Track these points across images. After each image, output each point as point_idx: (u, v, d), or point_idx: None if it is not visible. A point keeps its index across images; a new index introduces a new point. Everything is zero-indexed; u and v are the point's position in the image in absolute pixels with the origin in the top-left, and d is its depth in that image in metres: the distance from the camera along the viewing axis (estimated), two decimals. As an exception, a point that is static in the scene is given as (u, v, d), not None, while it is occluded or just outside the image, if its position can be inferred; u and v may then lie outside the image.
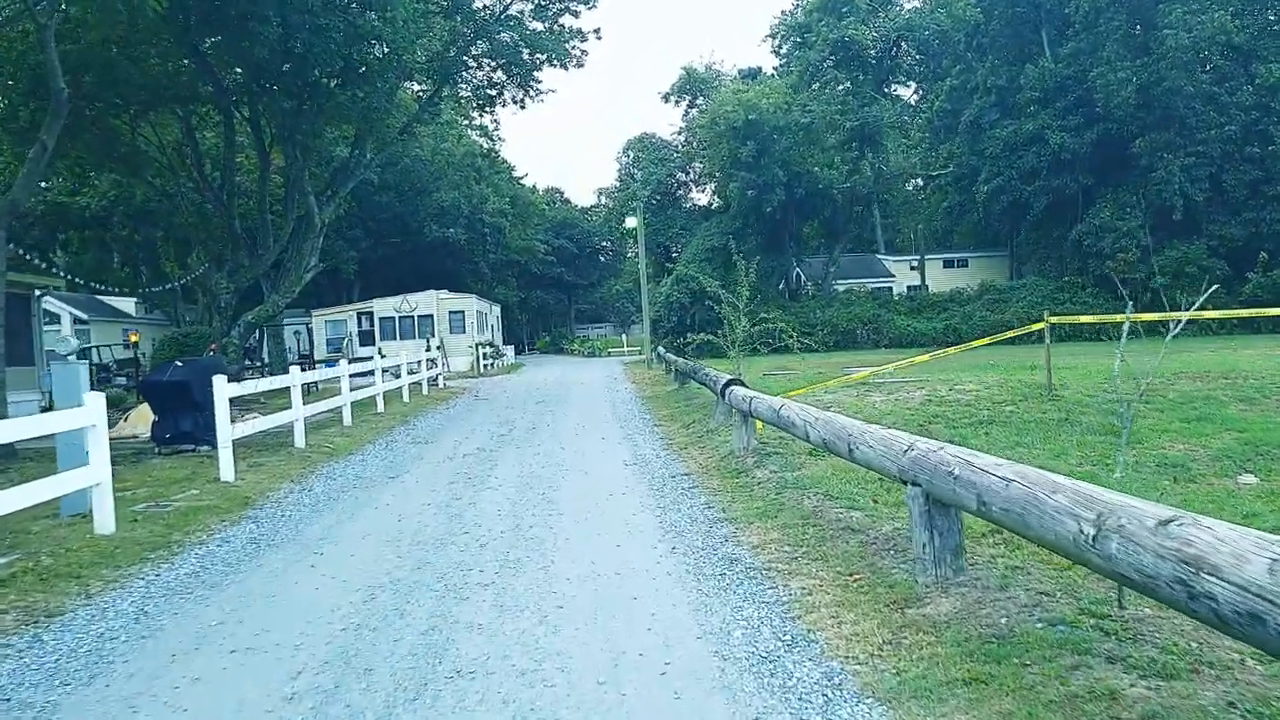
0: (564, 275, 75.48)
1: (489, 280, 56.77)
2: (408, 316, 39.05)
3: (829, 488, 7.53)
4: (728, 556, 6.02)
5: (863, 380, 11.22)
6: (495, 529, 7.32)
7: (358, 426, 15.26)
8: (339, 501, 8.95)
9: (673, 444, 11.67)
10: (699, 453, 10.54)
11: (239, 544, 7.28)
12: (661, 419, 14.74)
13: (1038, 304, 38.76)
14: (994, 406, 9.83)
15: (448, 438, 13.89)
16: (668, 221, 44.40)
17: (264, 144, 20.42)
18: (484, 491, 9.06)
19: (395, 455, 12.23)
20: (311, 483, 10.15)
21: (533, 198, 69.18)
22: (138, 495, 9.29)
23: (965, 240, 57.41)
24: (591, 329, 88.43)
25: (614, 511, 7.77)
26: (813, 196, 39.84)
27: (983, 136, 43.89)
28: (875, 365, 21.79)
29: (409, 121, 23.38)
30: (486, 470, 10.45)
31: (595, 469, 10.18)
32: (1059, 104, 40.50)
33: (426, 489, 9.40)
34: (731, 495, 7.99)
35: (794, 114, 37.15)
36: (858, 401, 10.87)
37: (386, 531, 7.45)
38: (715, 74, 46.82)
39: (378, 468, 11.17)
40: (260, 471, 10.62)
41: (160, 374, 12.13)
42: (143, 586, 6.08)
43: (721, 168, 39.30)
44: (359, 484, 9.98)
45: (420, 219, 47.01)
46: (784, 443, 9.55)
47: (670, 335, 38.44)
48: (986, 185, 42.70)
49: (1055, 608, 4.16)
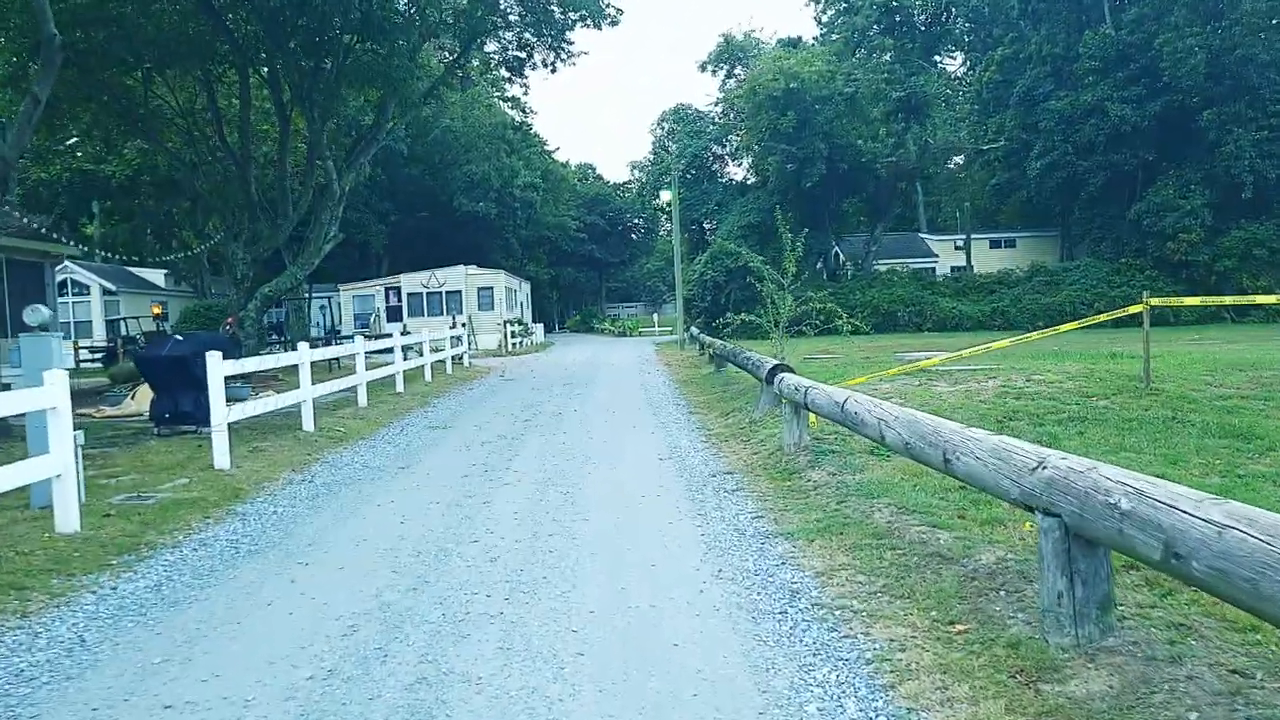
0: (595, 252, 74.40)
1: (519, 256, 55.84)
2: (435, 292, 38.25)
3: (901, 497, 6.40)
4: (787, 586, 4.93)
5: (924, 368, 10.05)
6: (509, 537, 6.29)
7: (373, 408, 14.33)
8: (339, 496, 7.98)
9: (711, 435, 10.58)
10: (742, 447, 9.44)
11: (217, 548, 6.31)
12: (697, 406, 13.64)
13: (1092, 287, 37.15)
14: (1083, 401, 8.64)
15: (467, 423, 12.91)
16: (702, 196, 43.01)
17: (284, 106, 19.47)
18: (500, 489, 8.04)
19: (409, 442, 11.27)
20: (313, 472, 9.20)
21: (564, 172, 68.03)
22: (121, 484, 8.39)
23: (1012, 219, 55.36)
24: (622, 308, 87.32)
25: (647, 518, 6.71)
26: (855, 171, 38.28)
27: (1036, 109, 41.90)
28: (922, 349, 20.52)
29: (434, 84, 22.30)
30: (505, 462, 9.44)
31: (625, 463, 9.12)
32: (1120, 74, 38.42)
33: (437, 483, 8.41)
34: (784, 502, 6.89)
35: (837, 83, 35.54)
36: (921, 391, 9.71)
37: (385, 537, 6.45)
38: (754, 42, 45.14)
39: (388, 456, 10.20)
40: (260, 458, 9.69)
41: (158, 348, 11.26)
42: (91, 604, 5.13)
43: (760, 140, 37.82)
44: (364, 475, 9.01)
45: (450, 192, 46.11)
46: (841, 439, 8.42)
47: (704, 315, 37.26)
48: (1039, 161, 40.80)
49: (1263, 699, 3.02)
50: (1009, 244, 49.31)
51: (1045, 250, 47.64)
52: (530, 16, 21.79)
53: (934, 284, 40.38)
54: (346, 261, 46.90)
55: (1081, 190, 40.96)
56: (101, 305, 36.28)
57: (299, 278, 19.14)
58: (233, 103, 22.06)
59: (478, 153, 45.60)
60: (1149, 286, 36.94)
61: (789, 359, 12.71)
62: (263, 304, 18.50)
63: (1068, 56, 41.65)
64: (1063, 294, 37.24)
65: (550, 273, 68.94)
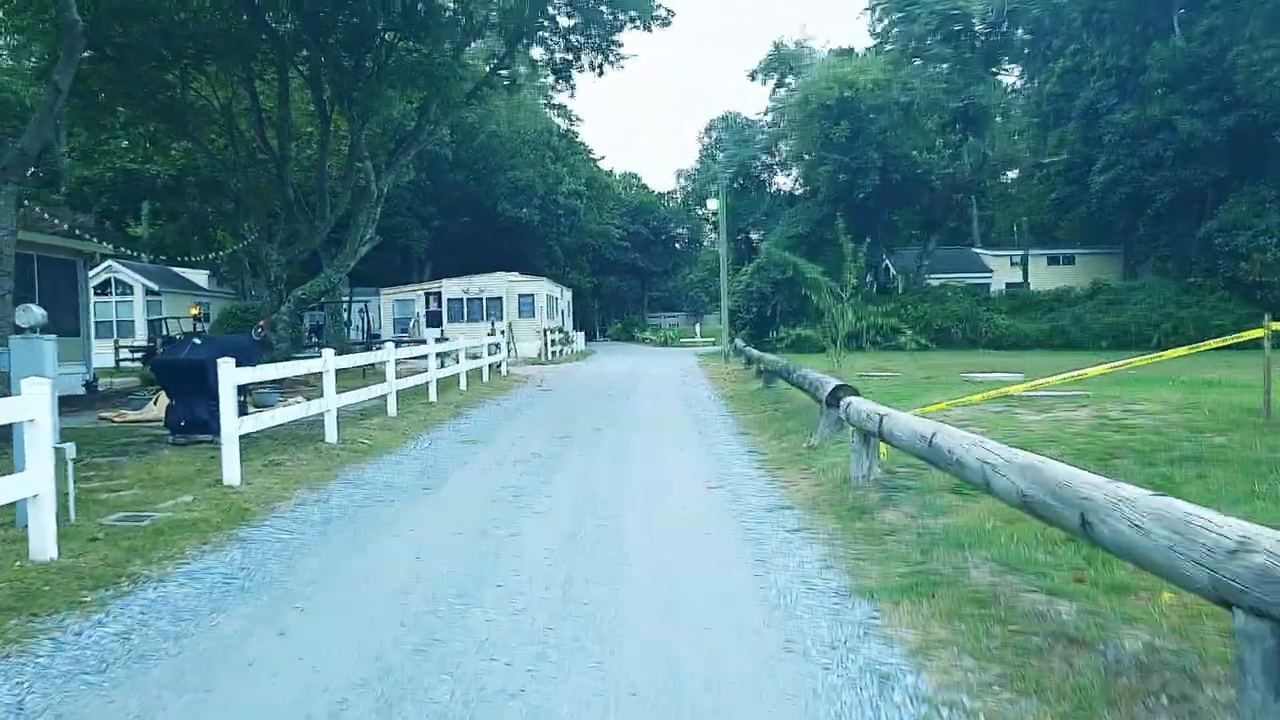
0: (638, 261, 73.75)
1: (561, 264, 55.32)
2: (476, 298, 37.77)
3: (999, 549, 5.44)
4: (875, 668, 4.00)
5: (1008, 393, 9.05)
6: (539, 582, 5.43)
7: (403, 418, 13.61)
8: (353, 522, 7.19)
9: (765, 461, 9.64)
10: (800, 477, 8.50)
11: (207, 583, 5.54)
12: (747, 426, 12.70)
13: (1159, 307, 35.52)
14: (1195, 437, 7.59)
15: (501, 437, 12.12)
16: (750, 206, 42.04)
17: (324, 106, 18.96)
18: (531, 517, 7.20)
19: (437, 457, 10.49)
20: (329, 492, 8.43)
21: (609, 180, 67.49)
22: (120, 500, 7.69)
23: (1070, 236, 53.55)
24: (664, 317, 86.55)
25: (698, 562, 5.82)
26: (909, 182, 37.07)
27: (1099, 123, 40.37)
28: (986, 369, 19.36)
29: (478, 86, 21.67)
30: (538, 485, 8.60)
31: (671, 491, 8.24)
32: (1190, 87, 36.78)
33: (463, 509, 7.59)
34: (857, 548, 5.95)
35: (892, 92, 34.42)
36: (1002, 420, 8.71)
37: (398, 575, 5.64)
38: (806, 51, 44.18)
39: (413, 474, 9.42)
40: (274, 474, 8.95)
41: (175, 352, 10.64)
42: (45, 655, 4.35)
43: (811, 150, 36.80)
44: (385, 496, 8.22)
45: (494, 197, 45.69)
46: (916, 472, 7.45)
47: (749, 327, 36.26)
48: (1102, 176, 39.26)
49: None
50: (1067, 260, 47.59)
51: (1106, 268, 45.88)
52: (578, 17, 21.11)
53: (989, 300, 38.94)
54: (388, 265, 46.70)
55: (1147, 206, 39.31)
56: (144, 305, 36.28)
57: (334, 280, 18.57)
58: (273, 101, 21.69)
59: (522, 159, 45.14)
60: (1220, 308, 35.36)
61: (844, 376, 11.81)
62: (296, 306, 17.94)
63: (1133, 69, 40.09)
64: (1127, 314, 35.61)
65: (592, 281, 68.36)
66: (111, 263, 35.88)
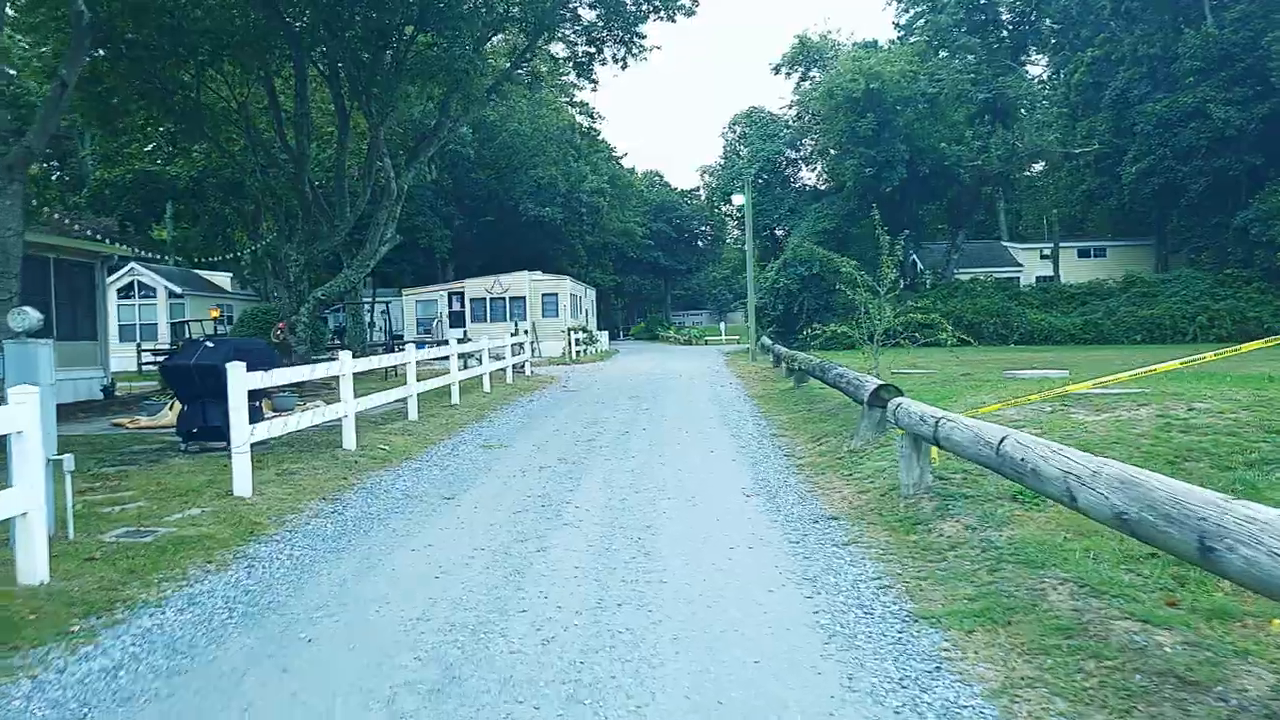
0: (661, 259, 73.37)
1: (584, 263, 54.95)
2: (499, 298, 37.42)
3: (1076, 567, 4.90)
4: (954, 713, 3.49)
5: (1064, 393, 8.47)
6: (568, 606, 4.96)
7: (424, 422, 13.20)
8: (369, 537, 6.76)
9: (803, 465, 9.12)
10: (843, 483, 7.98)
11: (208, 609, 5.11)
12: (781, 427, 12.18)
13: (1195, 299, 34.61)
14: (1271, 437, 6.99)
15: (525, 442, 11.67)
16: (775, 202, 41.39)
17: (342, 101, 18.60)
18: (558, 531, 6.73)
19: (459, 464, 10.05)
20: (345, 502, 8.01)
21: (631, 178, 67.07)
22: (125, 513, 7.30)
23: (1100, 228, 52.49)
24: (688, 315, 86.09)
25: (741, 581, 5.33)
26: (936, 175, 36.30)
27: (1130, 112, 39.45)
28: (1026, 365, 18.68)
29: (499, 80, 21.24)
30: (565, 493, 8.14)
31: (706, 499, 7.74)
32: (1224, 74, 35.85)
33: (485, 521, 7.14)
34: (915, 565, 5.43)
35: (920, 83, 33.67)
36: (1058, 420, 8.13)
37: (414, 599, 5.19)
38: (831, 44, 43.42)
39: (433, 481, 8.98)
40: (287, 483, 8.54)
41: (186, 355, 10.25)
42: (20, 698, 3.93)
43: (837, 144, 36.12)
44: (403, 507, 7.78)
45: (516, 196, 45.36)
46: (971, 478, 6.91)
47: (776, 324, 35.66)
48: (1134, 166, 38.35)
49: None
50: (1098, 253, 46.55)
51: (1138, 260, 44.86)
52: (600, 8, 20.60)
53: (1021, 294, 38.07)
54: (410, 266, 46.53)
55: (1181, 197, 38.36)
56: (167, 308, 36.20)
57: (354, 280, 18.20)
58: (292, 100, 21.38)
59: (545, 157, 44.76)
60: (1257, 299, 34.37)
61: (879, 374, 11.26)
62: (316, 308, 17.60)
63: (1165, 57, 39.15)
64: (1161, 306, 34.71)
65: (615, 280, 67.99)
66: (134, 265, 35.88)
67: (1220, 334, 33.03)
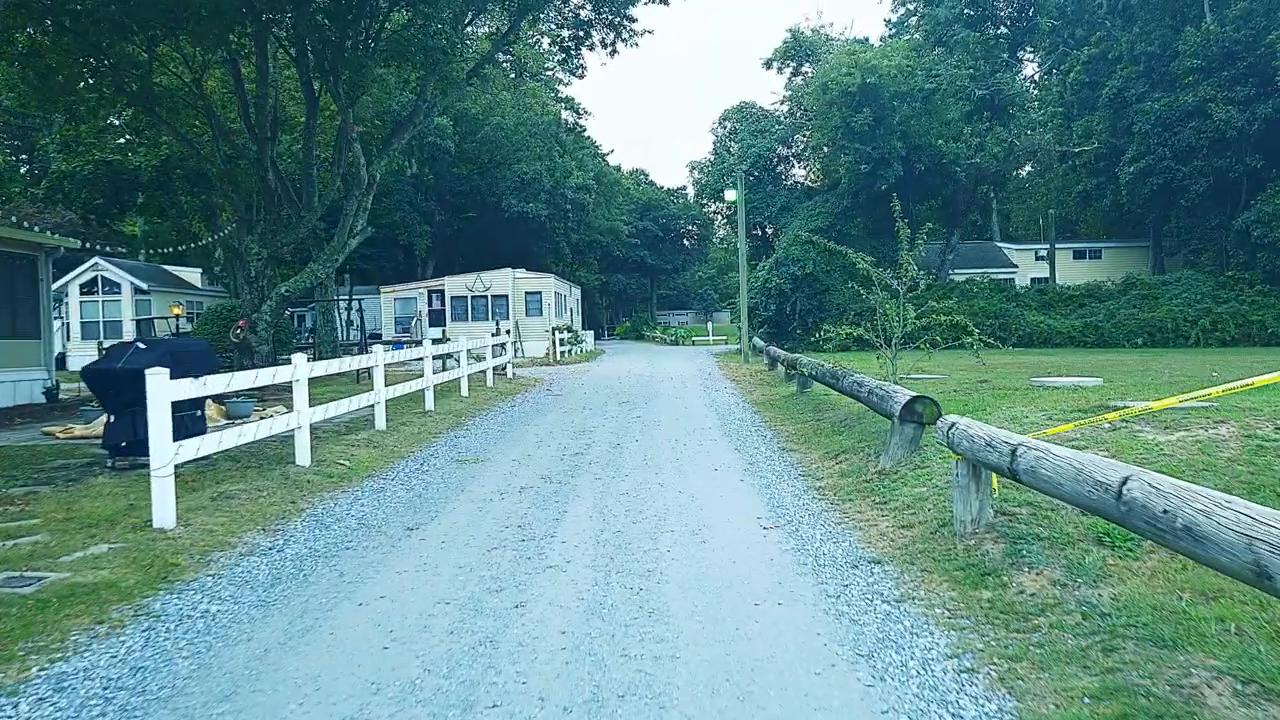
0: (647, 258, 72.26)
1: (569, 261, 53.67)
2: (481, 296, 36.14)
3: (1222, 648, 3.73)
4: None
5: (1127, 413, 7.34)
6: (554, 699, 3.75)
7: (393, 432, 11.94)
8: (308, 584, 5.51)
9: (825, 489, 7.93)
10: (877, 513, 6.79)
11: (75, 704, 3.86)
12: (790, 440, 10.99)
13: (1196, 302, 33.78)
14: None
15: (504, 456, 10.43)
16: (766, 200, 40.22)
17: (310, 83, 17.25)
18: (541, 576, 5.52)
19: (428, 483, 8.81)
20: (288, 535, 6.76)
21: (617, 176, 65.84)
22: (16, 551, 6.02)
23: (1093, 229, 51.75)
24: (673, 315, 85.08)
25: (778, 661, 4.13)
26: (932, 173, 35.26)
27: (1128, 111, 38.61)
28: (1049, 372, 17.58)
29: (480, 63, 19.91)
30: (549, 523, 6.92)
31: (716, 532, 6.55)
32: (1225, 73, 35.03)
33: (452, 562, 5.91)
34: (998, 637, 4.25)
35: (917, 78, 32.59)
36: (1127, 442, 6.98)
37: (352, 682, 3.97)
38: (824, 39, 42.32)
39: (396, 507, 7.74)
40: (223, 510, 7.28)
41: (112, 360, 8.95)
42: None
43: (831, 140, 34.99)
44: (356, 542, 6.54)
45: (499, 192, 44.02)
46: (1039, 512, 5.74)
47: (767, 325, 34.56)
48: (1132, 166, 37.50)
49: None
50: (1094, 255, 45.78)
51: (1134, 262, 44.10)
52: (589, -13, 19.37)
53: (1018, 296, 37.12)
54: (390, 263, 45.13)
55: (1180, 198, 37.54)
56: (133, 305, 34.68)
57: (321, 275, 16.84)
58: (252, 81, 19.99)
59: (529, 151, 43.40)
60: (1260, 303, 33.53)
61: (898, 381, 10.11)
62: (279, 305, 16.24)
63: (1163, 55, 38.33)
64: (1162, 309, 33.85)
65: (600, 279, 66.78)
66: (98, 260, 34.37)
67: (1223, 338, 32.20)
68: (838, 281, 36.05)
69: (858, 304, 37.79)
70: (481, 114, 40.76)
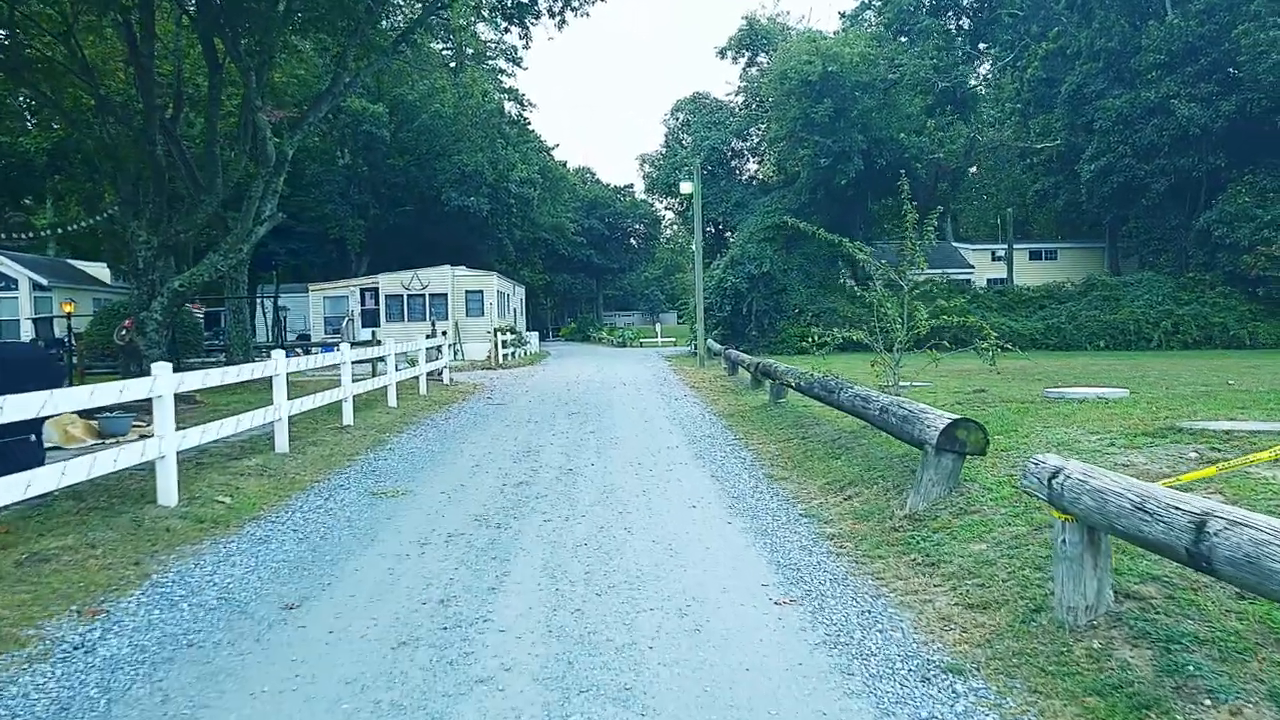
0: (593, 258, 70.35)
1: (512, 259, 51.47)
2: (418, 295, 33.86)
3: None
4: None
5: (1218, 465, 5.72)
6: None
7: (297, 454, 9.90)
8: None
9: (841, 540, 6.17)
10: (926, 581, 5.06)
11: None
12: (776, 464, 9.23)
13: (1158, 304, 33.10)
14: None
15: (431, 486, 8.51)
16: (720, 195, 38.59)
17: (212, 45, 14.99)
18: (465, 699, 3.67)
19: (326, 530, 6.85)
20: (111, 623, 4.77)
21: (563, 172, 63.77)
22: None
23: (1046, 229, 51.26)
24: (619, 316, 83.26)
25: None
26: (893, 168, 33.92)
27: (1087, 108, 37.82)
28: (1036, 376, 16.17)
29: (410, 28, 17.78)
30: (483, 594, 5.07)
31: (712, 610, 4.77)
32: (1188, 69, 34.33)
33: (339, 674, 4.02)
34: None
35: (879, 68, 31.26)
36: (1244, 486, 5.34)
37: None
38: (780, 27, 40.86)
39: (276, 568, 5.79)
40: (28, 581, 5.24)
41: (-98, 371, 6.83)
42: None
43: (790, 132, 33.47)
44: (207, 632, 4.60)
45: (438, 185, 41.68)
46: (1175, 593, 4.05)
47: (721, 326, 32.95)
48: (1092, 164, 36.68)
49: None
50: (1049, 255, 45.14)
51: (1089, 263, 43.55)
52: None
53: (979, 297, 36.07)
54: (320, 259, 42.55)
55: (1141, 197, 36.83)
56: (31, 302, 31.65)
57: (221, 268, 14.57)
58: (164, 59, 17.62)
59: (470, 142, 41.12)
60: (1221, 304, 32.93)
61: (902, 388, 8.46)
62: (172, 302, 13.98)
63: (1123, 51, 37.62)
64: (1124, 311, 33.10)
65: (545, 278, 64.69)
66: (-8, 252, 31.33)
67: (1185, 340, 31.54)
68: (796, 281, 34.64)
69: (815, 305, 36.70)
70: (419, 101, 38.47)
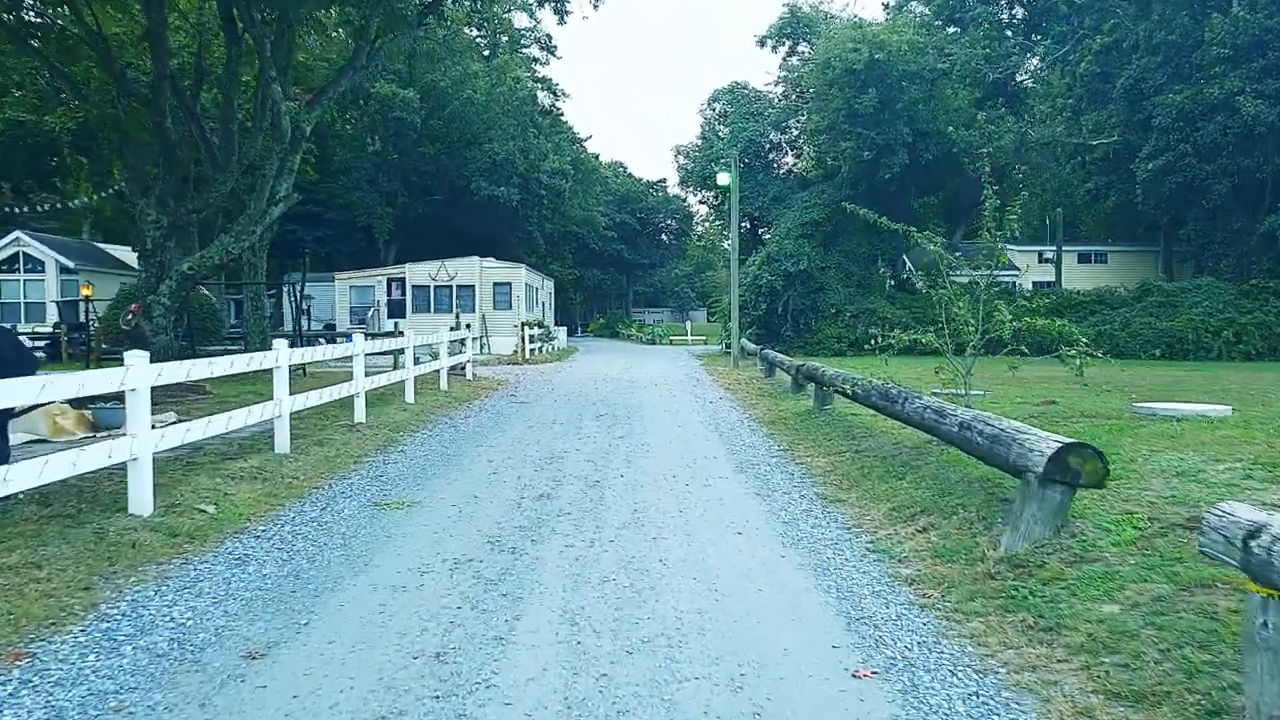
0: (624, 253, 69.33)
1: (542, 252, 50.61)
2: (445, 286, 33.15)
3: None
4: None
5: None
6: None
7: (299, 455, 9.01)
8: None
9: (921, 585, 5.13)
10: (1045, 654, 4.01)
11: None
12: (829, 482, 8.18)
13: (1219, 311, 31.40)
14: None
15: (441, 497, 7.57)
16: (757, 189, 37.42)
17: (231, 15, 14.19)
18: None
19: (316, 550, 5.92)
20: (33, 674, 3.84)
21: (595, 164, 62.79)
22: None
23: (1095, 231, 49.43)
24: (648, 313, 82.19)
25: None
26: (939, 164, 32.67)
27: (1145, 104, 36.15)
28: (1108, 386, 14.96)
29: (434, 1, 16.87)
30: (489, 647, 4.11)
31: (773, 682, 3.77)
32: (1256, 64, 32.61)
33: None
34: None
35: (928, 57, 29.92)
36: None
37: None
38: (824, 15, 39.55)
39: (248, 599, 4.86)
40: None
41: None
42: None
43: (831, 124, 32.23)
44: (142, 691, 3.66)
45: (469, 174, 40.89)
46: None
47: (756, 325, 31.83)
48: (1150, 163, 35.03)
49: None
50: (1099, 259, 43.42)
51: (1142, 267, 41.80)
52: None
53: (1026, 300, 34.62)
54: (348, 247, 42.00)
55: (1201, 198, 35.14)
56: (58, 285, 31.29)
57: (233, 250, 13.74)
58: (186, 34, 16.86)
59: (502, 130, 40.27)
60: (1287, 312, 31.26)
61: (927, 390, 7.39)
62: (180, 285, 13.19)
63: (1185, 45, 35.91)
64: (1181, 318, 31.46)
65: (575, 273, 63.81)
66: (20, 235, 30.99)
67: (1248, 350, 29.89)
68: (834, 280, 33.41)
69: (853, 305, 35.41)
70: (451, 87, 37.72)
